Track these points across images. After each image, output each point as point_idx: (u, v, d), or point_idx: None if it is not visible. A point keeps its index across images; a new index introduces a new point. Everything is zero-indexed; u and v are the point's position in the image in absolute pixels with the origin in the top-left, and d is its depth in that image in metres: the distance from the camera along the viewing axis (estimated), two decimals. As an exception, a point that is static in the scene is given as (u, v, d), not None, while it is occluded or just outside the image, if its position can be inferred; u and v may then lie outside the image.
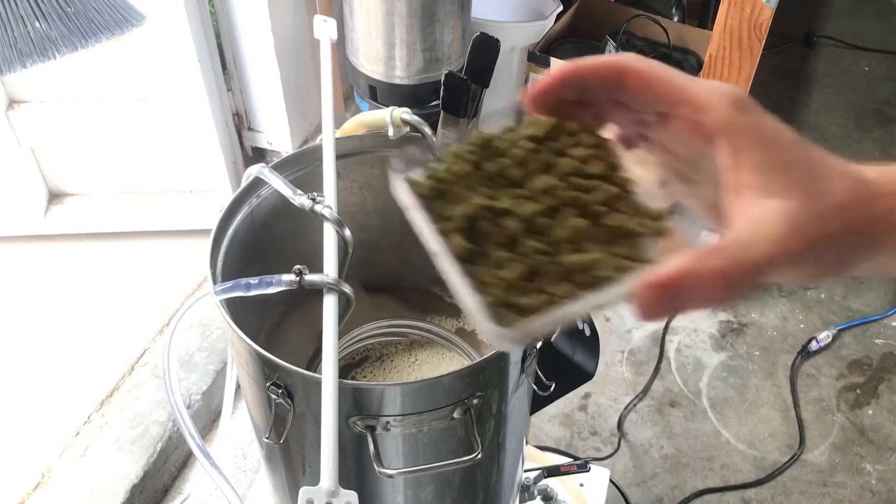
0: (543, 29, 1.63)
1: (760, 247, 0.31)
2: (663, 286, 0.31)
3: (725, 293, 0.31)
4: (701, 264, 0.31)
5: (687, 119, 0.34)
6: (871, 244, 0.34)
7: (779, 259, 0.32)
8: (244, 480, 1.41)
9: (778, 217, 0.32)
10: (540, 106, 0.37)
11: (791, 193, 0.32)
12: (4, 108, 1.55)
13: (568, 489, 1.15)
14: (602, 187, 0.35)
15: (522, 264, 0.33)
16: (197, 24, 1.48)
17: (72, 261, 1.67)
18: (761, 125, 0.33)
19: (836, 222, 0.33)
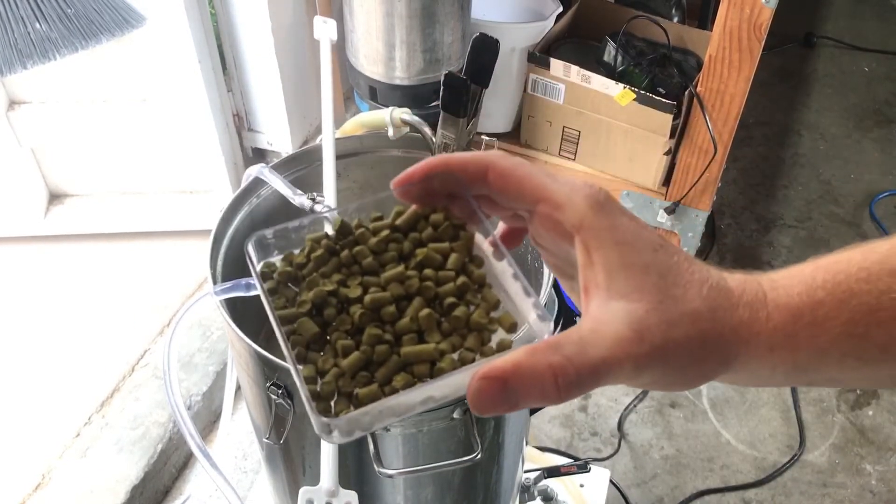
0: (543, 30, 1.63)
1: (598, 348, 0.30)
2: (496, 379, 0.30)
3: (558, 392, 0.30)
4: (535, 359, 0.30)
5: (548, 217, 0.33)
6: (727, 356, 0.32)
7: (617, 362, 0.30)
8: (245, 481, 1.41)
9: (622, 319, 0.31)
10: (407, 194, 0.37)
11: (640, 296, 0.31)
12: (5, 109, 1.55)
13: (568, 490, 1.15)
14: (453, 279, 0.35)
15: (362, 353, 0.33)
16: (197, 25, 1.48)
17: (72, 261, 1.68)
18: (618, 226, 0.32)
19: (687, 330, 0.31)
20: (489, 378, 0.30)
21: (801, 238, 2.03)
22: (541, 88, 1.61)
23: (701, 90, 1.47)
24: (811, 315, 0.32)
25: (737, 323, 0.32)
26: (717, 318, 0.32)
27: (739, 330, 0.32)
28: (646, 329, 0.31)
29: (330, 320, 0.34)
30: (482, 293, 0.36)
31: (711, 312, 0.32)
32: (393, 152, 0.88)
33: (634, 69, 1.57)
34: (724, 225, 2.06)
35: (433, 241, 0.36)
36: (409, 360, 0.33)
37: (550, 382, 0.30)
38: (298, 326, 0.34)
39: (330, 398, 0.32)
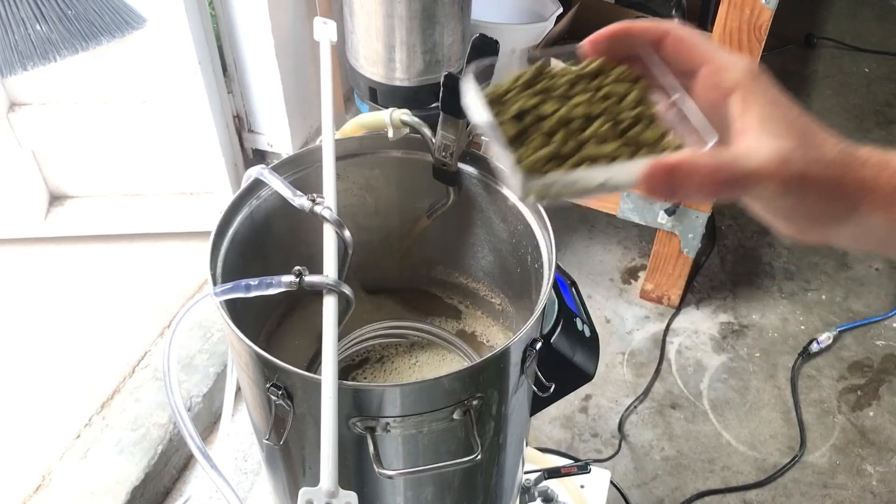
0: (543, 31, 1.63)
1: (751, 162, 0.38)
2: (665, 166, 0.38)
3: (712, 187, 0.38)
4: (698, 158, 0.38)
5: (709, 77, 0.42)
6: (854, 202, 0.39)
7: (766, 176, 0.38)
8: (245, 482, 1.41)
9: (772, 148, 0.38)
10: (594, 48, 0.46)
11: (787, 137, 0.39)
12: (5, 111, 1.55)
13: (569, 491, 1.15)
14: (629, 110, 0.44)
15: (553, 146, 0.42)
16: (197, 27, 1.48)
17: (72, 263, 1.68)
18: (769, 90, 0.41)
19: (823, 170, 0.39)
20: (659, 165, 0.38)
21: (802, 239, 2.03)
22: (541, 89, 1.61)
23: (701, 91, 1.46)
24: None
25: (862, 177, 0.39)
26: (847, 169, 0.39)
27: (865, 183, 0.39)
28: (791, 159, 0.38)
29: (527, 127, 0.43)
30: (655, 124, 0.44)
31: (843, 164, 0.39)
32: (393, 153, 0.88)
33: (634, 70, 1.57)
34: (724, 226, 2.06)
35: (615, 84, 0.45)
36: (592, 156, 0.42)
37: (708, 178, 0.38)
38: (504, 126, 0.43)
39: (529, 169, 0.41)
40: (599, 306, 1.82)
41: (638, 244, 1.98)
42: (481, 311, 0.99)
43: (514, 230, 0.85)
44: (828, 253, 1.99)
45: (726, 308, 1.83)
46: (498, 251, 0.91)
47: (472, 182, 0.86)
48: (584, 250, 1.96)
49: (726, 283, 1.89)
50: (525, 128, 0.44)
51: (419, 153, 0.87)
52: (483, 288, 0.98)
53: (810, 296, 1.87)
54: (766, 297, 1.86)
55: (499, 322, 0.98)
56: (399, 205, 0.93)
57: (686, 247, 1.70)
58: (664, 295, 1.81)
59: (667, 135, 0.44)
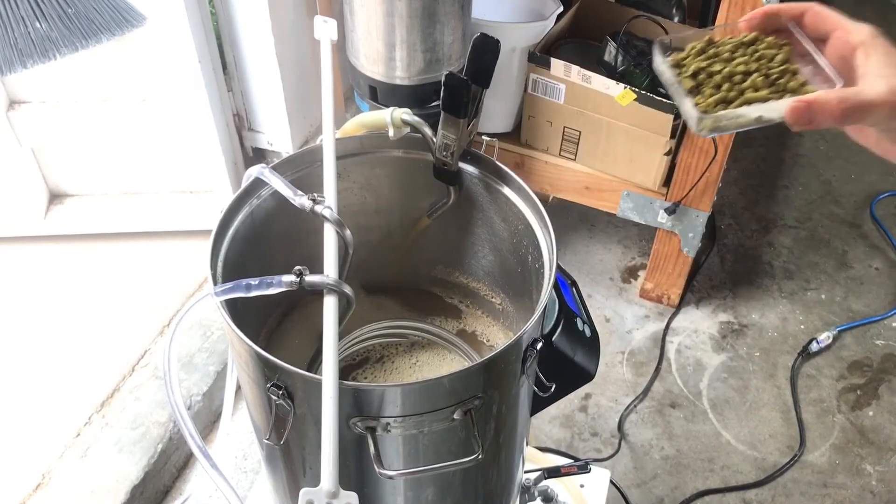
0: (544, 29, 1.63)
1: (867, 94, 0.53)
2: (806, 102, 0.53)
3: (841, 115, 0.52)
4: (829, 95, 0.53)
5: (840, 38, 0.57)
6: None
7: (880, 104, 0.52)
8: (245, 481, 1.41)
9: (884, 83, 0.53)
10: (750, 26, 0.61)
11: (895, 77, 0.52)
12: (5, 109, 1.55)
13: (568, 490, 1.15)
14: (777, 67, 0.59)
15: (720, 94, 0.58)
16: (197, 25, 1.48)
17: (72, 262, 1.67)
18: (886, 45, 0.55)
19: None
20: (801, 101, 0.53)
21: (802, 238, 2.03)
22: (541, 88, 1.61)
23: (701, 90, 1.46)
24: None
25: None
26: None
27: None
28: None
29: (700, 83, 0.60)
30: (797, 77, 0.59)
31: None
32: (393, 153, 0.88)
33: (635, 69, 1.57)
34: (724, 225, 2.06)
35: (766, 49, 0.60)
36: (750, 100, 0.58)
37: (837, 107, 0.52)
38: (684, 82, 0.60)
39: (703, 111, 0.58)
40: (599, 305, 1.82)
41: (638, 243, 1.98)
42: (482, 311, 0.99)
43: (514, 230, 0.85)
44: (828, 252, 1.99)
45: (726, 307, 1.83)
46: (498, 251, 0.91)
47: (472, 181, 0.86)
48: (585, 249, 1.96)
49: (726, 283, 1.89)
50: (700, 83, 0.60)
51: (420, 152, 0.87)
52: (483, 287, 0.98)
53: (810, 295, 1.87)
54: (765, 297, 1.86)
55: (499, 322, 0.98)
56: (400, 204, 0.93)
57: (686, 246, 1.70)
58: (664, 294, 1.81)
59: (806, 83, 0.58)
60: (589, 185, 1.68)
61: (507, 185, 0.84)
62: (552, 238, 0.77)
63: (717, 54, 0.61)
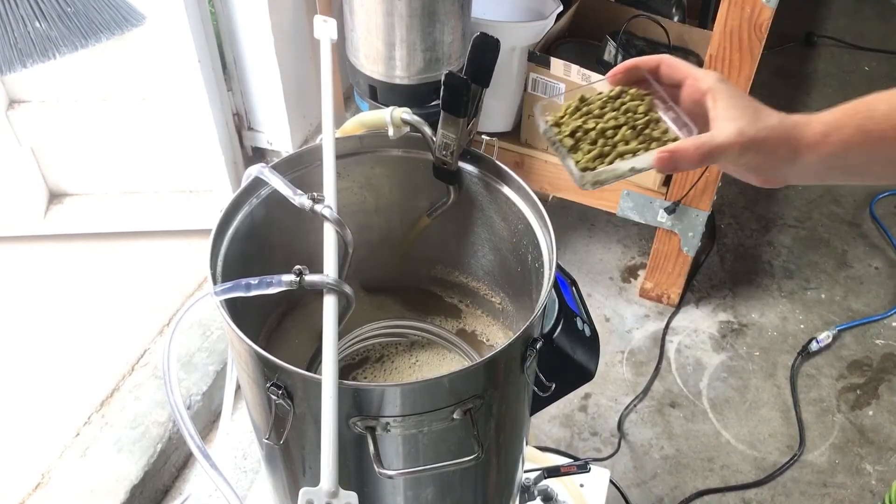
0: (543, 29, 1.63)
1: (718, 138, 0.60)
2: (669, 151, 0.60)
3: (700, 159, 0.60)
4: (687, 143, 0.60)
5: (691, 86, 0.64)
6: (794, 148, 0.61)
7: (725, 146, 0.59)
8: (244, 481, 1.41)
9: (731, 127, 0.60)
10: (615, 80, 0.68)
11: (742, 118, 0.60)
12: (5, 108, 1.55)
13: (568, 490, 1.15)
14: (643, 118, 0.66)
15: (598, 149, 0.65)
16: (197, 24, 1.48)
17: (72, 261, 1.67)
18: (730, 89, 0.62)
19: (768, 132, 0.60)
20: (664, 152, 0.61)
21: (802, 237, 2.03)
22: (541, 88, 1.61)
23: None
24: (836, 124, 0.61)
25: (796, 133, 0.61)
26: (785, 129, 0.60)
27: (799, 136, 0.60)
28: (744, 130, 0.59)
29: (578, 140, 0.66)
30: (659, 124, 0.66)
31: (781, 127, 0.60)
32: (393, 152, 0.88)
33: (635, 69, 1.57)
34: (724, 224, 2.06)
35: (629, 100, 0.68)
36: (622, 152, 0.65)
37: (695, 153, 0.59)
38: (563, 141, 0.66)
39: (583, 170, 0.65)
40: (599, 305, 1.82)
41: (638, 243, 1.98)
42: (481, 311, 0.99)
43: (514, 229, 0.85)
44: (827, 252, 1.99)
45: (726, 307, 1.83)
46: (498, 250, 0.91)
47: (472, 181, 0.86)
48: (584, 249, 1.96)
49: (726, 282, 1.89)
50: (577, 140, 0.66)
51: (420, 152, 0.87)
52: (483, 287, 0.98)
53: (810, 294, 1.87)
54: (765, 296, 1.86)
55: (499, 321, 0.98)
56: (399, 204, 0.93)
57: (686, 245, 1.70)
58: (664, 293, 1.81)
59: (668, 131, 0.66)
60: (589, 184, 1.68)
61: (507, 184, 0.84)
62: (552, 237, 0.77)
63: (590, 111, 0.68)
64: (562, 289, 0.89)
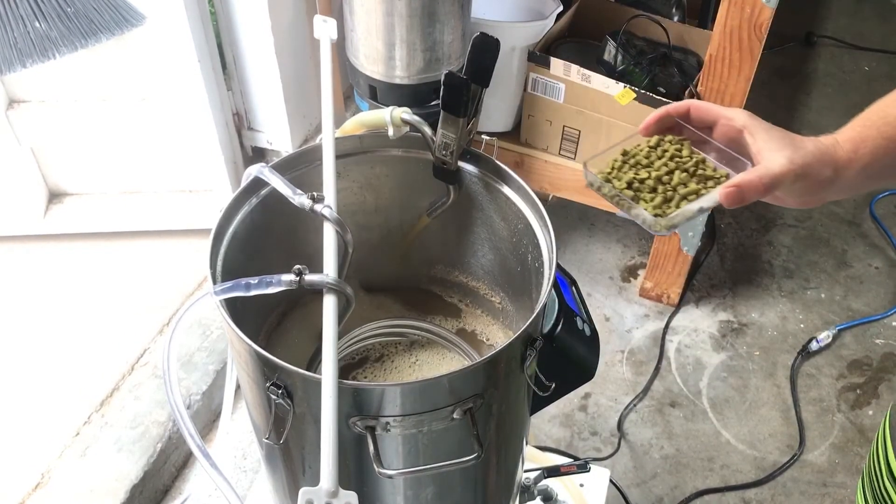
0: (543, 29, 1.63)
1: (773, 169, 0.63)
2: (737, 186, 0.63)
3: (765, 189, 0.63)
4: (750, 176, 0.63)
5: (725, 125, 0.68)
6: (835, 168, 0.64)
7: (783, 175, 0.63)
8: (244, 481, 1.41)
9: (780, 158, 0.63)
10: (647, 132, 0.71)
11: (786, 149, 0.63)
12: (4, 108, 1.55)
13: (568, 489, 1.15)
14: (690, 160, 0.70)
15: (660, 196, 0.68)
16: (197, 24, 1.48)
17: (71, 261, 1.67)
18: (762, 123, 0.66)
19: (811, 159, 0.63)
20: (730, 187, 0.63)
21: (802, 237, 2.03)
22: (541, 88, 1.61)
23: (701, 89, 1.46)
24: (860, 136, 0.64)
25: (832, 152, 0.64)
26: (824, 153, 0.64)
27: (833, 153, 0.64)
28: (793, 159, 0.63)
29: (637, 190, 0.69)
30: (706, 164, 0.70)
31: (818, 149, 0.64)
32: (393, 152, 0.88)
33: (635, 68, 1.57)
34: (724, 224, 2.06)
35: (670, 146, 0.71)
36: (685, 194, 0.68)
37: (759, 185, 0.62)
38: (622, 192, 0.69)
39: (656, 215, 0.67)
40: (599, 304, 1.82)
41: (637, 242, 1.98)
42: (481, 310, 0.99)
43: (514, 229, 0.85)
44: (827, 251, 1.99)
45: (726, 306, 1.83)
46: (498, 250, 0.91)
47: (472, 181, 0.86)
48: (584, 248, 1.96)
49: (726, 282, 1.89)
50: (637, 191, 0.69)
51: (419, 151, 0.87)
52: (483, 286, 0.98)
53: (810, 294, 1.87)
54: (765, 296, 1.86)
55: (499, 321, 0.98)
56: (399, 203, 0.93)
57: (686, 245, 1.70)
58: (664, 293, 1.81)
59: (716, 169, 0.70)
60: (589, 184, 1.68)
61: (507, 184, 0.84)
62: (552, 237, 0.77)
63: (638, 162, 0.71)
64: (562, 288, 0.89)
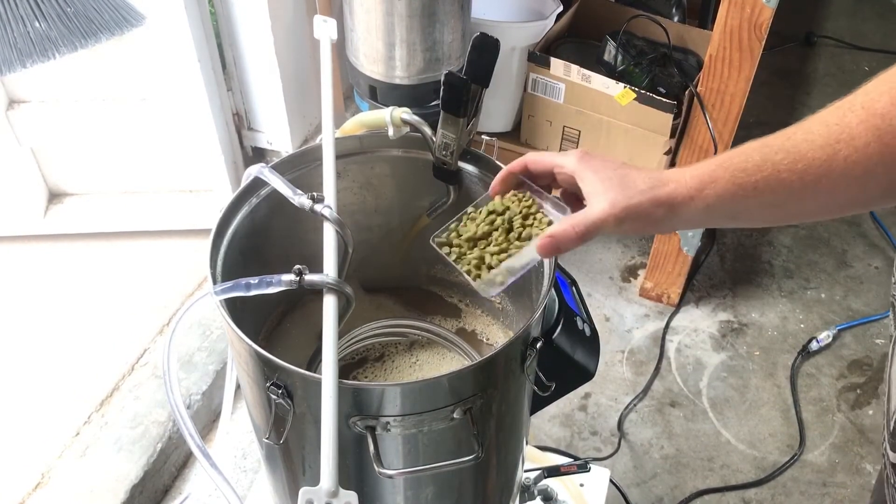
0: (543, 29, 1.63)
1: (592, 215, 0.61)
2: (549, 237, 0.62)
3: (578, 238, 0.61)
4: (563, 225, 0.62)
5: (560, 173, 0.67)
6: (670, 206, 0.60)
7: (601, 221, 0.60)
8: (244, 480, 1.41)
9: (602, 201, 0.61)
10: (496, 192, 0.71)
11: (609, 191, 0.61)
12: (4, 108, 1.55)
13: (568, 489, 1.15)
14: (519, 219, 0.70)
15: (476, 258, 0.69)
16: (197, 24, 1.48)
17: (72, 261, 1.67)
18: (593, 162, 0.63)
19: (641, 199, 0.60)
20: (545, 237, 0.62)
21: (801, 237, 2.03)
22: (541, 88, 1.61)
23: (701, 90, 1.47)
24: (710, 176, 0.59)
25: (669, 189, 0.60)
26: (656, 186, 0.60)
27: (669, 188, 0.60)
28: (615, 201, 0.60)
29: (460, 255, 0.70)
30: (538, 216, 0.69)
31: (651, 187, 0.60)
32: (393, 152, 0.88)
33: (635, 68, 1.57)
34: (724, 224, 2.06)
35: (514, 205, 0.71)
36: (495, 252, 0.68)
37: (573, 233, 0.61)
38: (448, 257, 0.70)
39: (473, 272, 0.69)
40: (599, 304, 1.82)
41: (637, 242, 1.98)
42: (481, 310, 0.99)
43: (514, 229, 0.85)
44: (827, 251, 1.99)
45: (726, 306, 1.83)
46: (498, 250, 0.91)
47: (472, 180, 0.86)
48: (584, 248, 1.96)
49: (726, 282, 1.89)
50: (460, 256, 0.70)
51: (419, 152, 0.87)
52: (483, 286, 0.98)
53: (810, 294, 1.87)
54: (765, 296, 1.86)
55: (499, 321, 0.98)
56: (399, 203, 0.93)
57: (686, 245, 1.70)
58: (664, 293, 1.81)
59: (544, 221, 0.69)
60: (588, 184, 1.68)
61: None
62: (552, 237, 0.77)
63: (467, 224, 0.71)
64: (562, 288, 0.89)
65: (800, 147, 0.57)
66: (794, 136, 0.58)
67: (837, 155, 0.55)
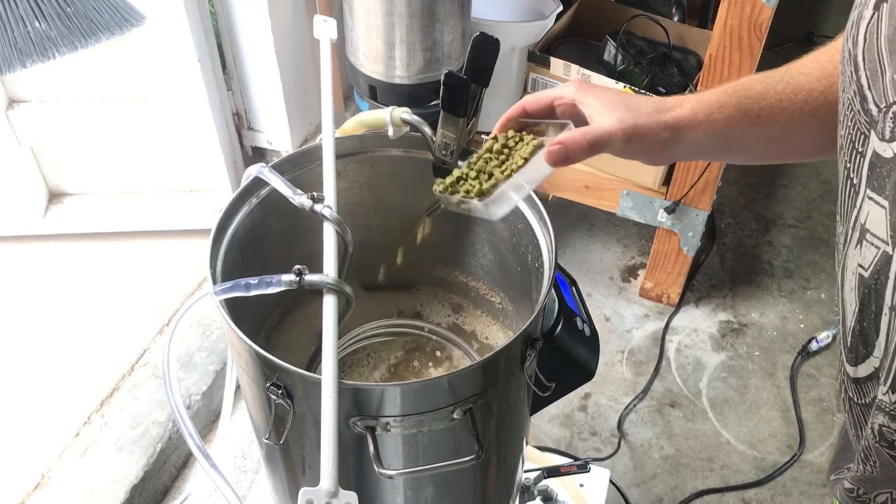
0: (543, 29, 1.63)
1: (601, 127, 0.62)
2: (559, 142, 0.62)
3: (589, 146, 0.61)
4: (573, 133, 0.62)
5: (560, 104, 0.67)
6: (674, 128, 0.62)
7: (610, 134, 0.61)
8: (244, 481, 1.41)
9: (609, 116, 0.62)
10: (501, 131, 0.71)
11: (616, 110, 0.62)
12: (4, 108, 1.55)
13: (568, 490, 1.15)
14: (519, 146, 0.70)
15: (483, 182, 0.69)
16: (197, 24, 1.48)
17: (71, 261, 1.67)
18: (593, 88, 0.65)
19: (647, 120, 0.62)
20: (554, 145, 0.62)
21: (802, 237, 2.03)
22: (541, 87, 1.61)
23: (701, 89, 1.46)
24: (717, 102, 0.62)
25: (673, 112, 0.63)
26: (660, 110, 0.63)
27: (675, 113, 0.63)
28: (623, 119, 0.62)
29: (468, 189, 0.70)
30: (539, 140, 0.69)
31: (656, 111, 0.63)
32: (393, 152, 0.88)
33: (634, 68, 1.57)
34: (724, 224, 2.06)
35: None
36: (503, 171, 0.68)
37: (583, 138, 0.61)
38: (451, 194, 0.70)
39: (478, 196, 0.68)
40: (599, 304, 1.82)
41: (637, 242, 1.98)
42: (481, 310, 0.99)
43: (514, 229, 0.85)
44: (827, 251, 1.99)
45: (726, 306, 1.83)
46: (498, 250, 0.91)
47: (472, 181, 0.86)
48: (584, 248, 1.96)
49: (726, 282, 1.89)
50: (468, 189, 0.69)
51: (419, 151, 0.87)
52: (483, 286, 0.98)
53: (810, 294, 1.87)
54: (765, 296, 1.86)
55: (499, 321, 0.98)
56: (399, 203, 0.93)
57: (686, 245, 1.70)
58: (664, 293, 1.81)
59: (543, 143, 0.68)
60: (588, 184, 1.68)
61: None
62: (552, 237, 0.77)
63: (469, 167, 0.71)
64: (561, 288, 0.89)
65: (798, 80, 0.63)
66: (790, 70, 0.64)
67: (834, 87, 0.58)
